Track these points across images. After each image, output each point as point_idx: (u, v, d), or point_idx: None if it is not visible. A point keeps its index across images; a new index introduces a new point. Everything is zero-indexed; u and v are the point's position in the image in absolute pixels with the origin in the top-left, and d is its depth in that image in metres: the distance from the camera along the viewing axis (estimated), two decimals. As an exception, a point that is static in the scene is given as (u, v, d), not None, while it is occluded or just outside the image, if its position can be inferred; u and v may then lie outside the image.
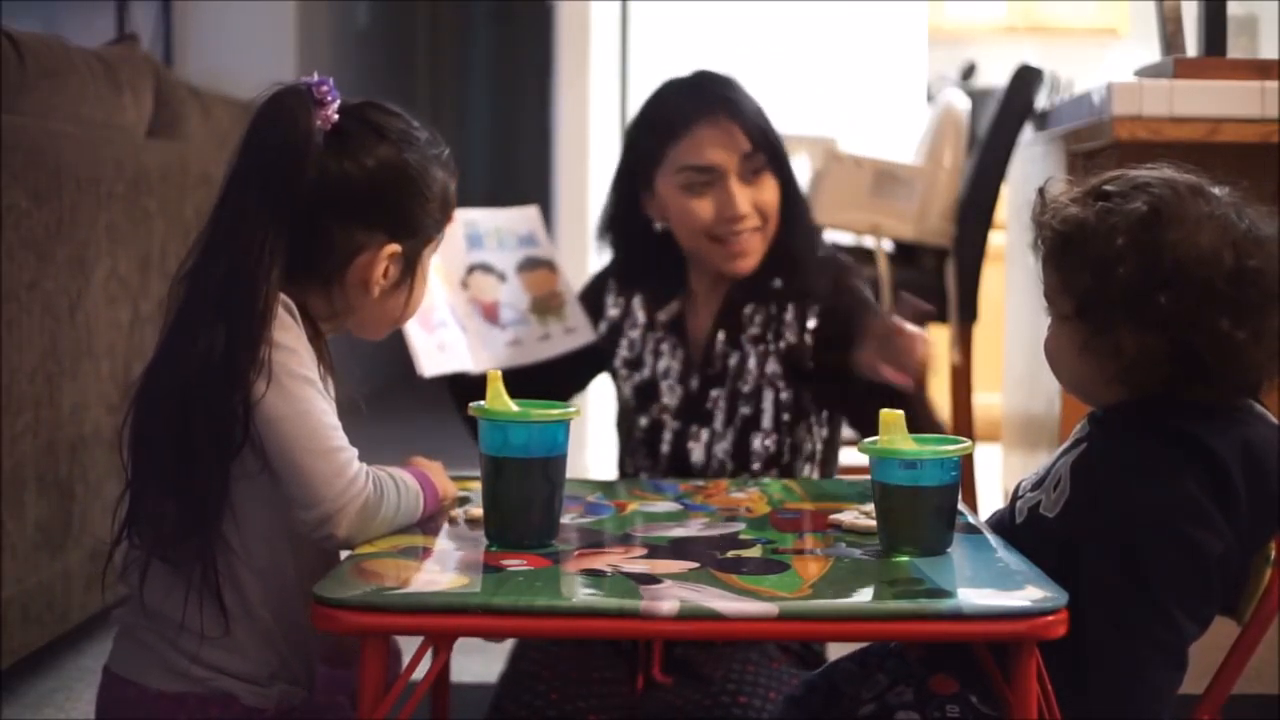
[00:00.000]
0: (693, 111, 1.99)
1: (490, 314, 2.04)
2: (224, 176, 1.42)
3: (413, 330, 1.90)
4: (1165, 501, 1.32)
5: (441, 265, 2.01)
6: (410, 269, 1.48)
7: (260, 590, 1.38)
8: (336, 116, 1.43)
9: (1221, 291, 1.33)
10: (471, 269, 2.05)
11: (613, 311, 2.13)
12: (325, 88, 1.42)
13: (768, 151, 1.99)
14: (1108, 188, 1.40)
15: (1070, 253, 1.40)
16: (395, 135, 1.46)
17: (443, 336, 1.96)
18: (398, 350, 1.91)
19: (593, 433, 4.01)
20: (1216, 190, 1.39)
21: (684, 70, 2.10)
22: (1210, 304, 1.32)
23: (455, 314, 1.99)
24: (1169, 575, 1.31)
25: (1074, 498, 1.39)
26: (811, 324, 2.00)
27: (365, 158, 1.44)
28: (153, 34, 4.35)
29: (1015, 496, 1.49)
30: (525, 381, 1.67)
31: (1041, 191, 1.46)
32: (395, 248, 1.45)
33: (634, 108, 2.13)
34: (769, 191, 2.00)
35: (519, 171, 7.61)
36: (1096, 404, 1.45)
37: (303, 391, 1.36)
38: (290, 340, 1.37)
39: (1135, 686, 1.30)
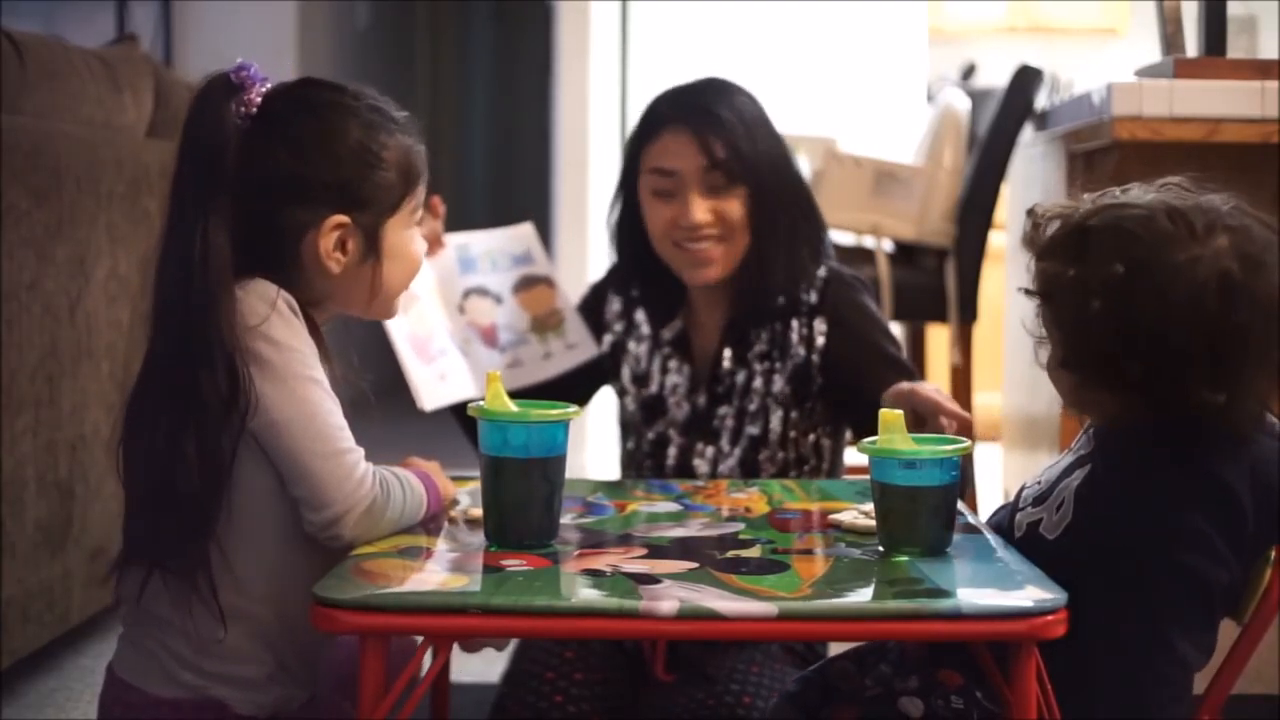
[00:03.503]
0: (667, 115, 1.98)
1: (489, 337, 2.03)
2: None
3: (410, 363, 1.89)
4: (1173, 534, 1.31)
5: (438, 291, 2.00)
6: (373, 242, 1.45)
7: (264, 589, 1.38)
8: (259, 100, 1.40)
9: (1199, 356, 1.29)
10: (467, 293, 2.04)
11: (616, 326, 2.12)
12: (245, 73, 1.40)
13: (732, 169, 1.95)
14: (1092, 223, 1.35)
15: (1050, 307, 1.39)
16: (324, 107, 1.44)
17: (443, 366, 1.94)
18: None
19: (592, 433, 4.02)
20: (1222, 205, 1.34)
21: (684, 71, 2.09)
22: (1186, 370, 1.29)
23: (455, 340, 1.99)
24: (1174, 608, 1.31)
25: (1076, 523, 1.38)
26: (820, 341, 1.99)
27: (290, 134, 1.41)
28: (153, 34, 4.36)
29: (1016, 507, 1.48)
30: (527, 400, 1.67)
31: (1031, 213, 1.44)
32: (339, 219, 1.41)
33: (634, 108, 2.13)
34: (733, 205, 1.96)
35: (519, 172, 7.61)
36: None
37: (308, 392, 1.35)
38: (293, 339, 1.36)
39: (1134, 713, 1.30)
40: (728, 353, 2.02)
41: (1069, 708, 1.30)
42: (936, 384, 1.74)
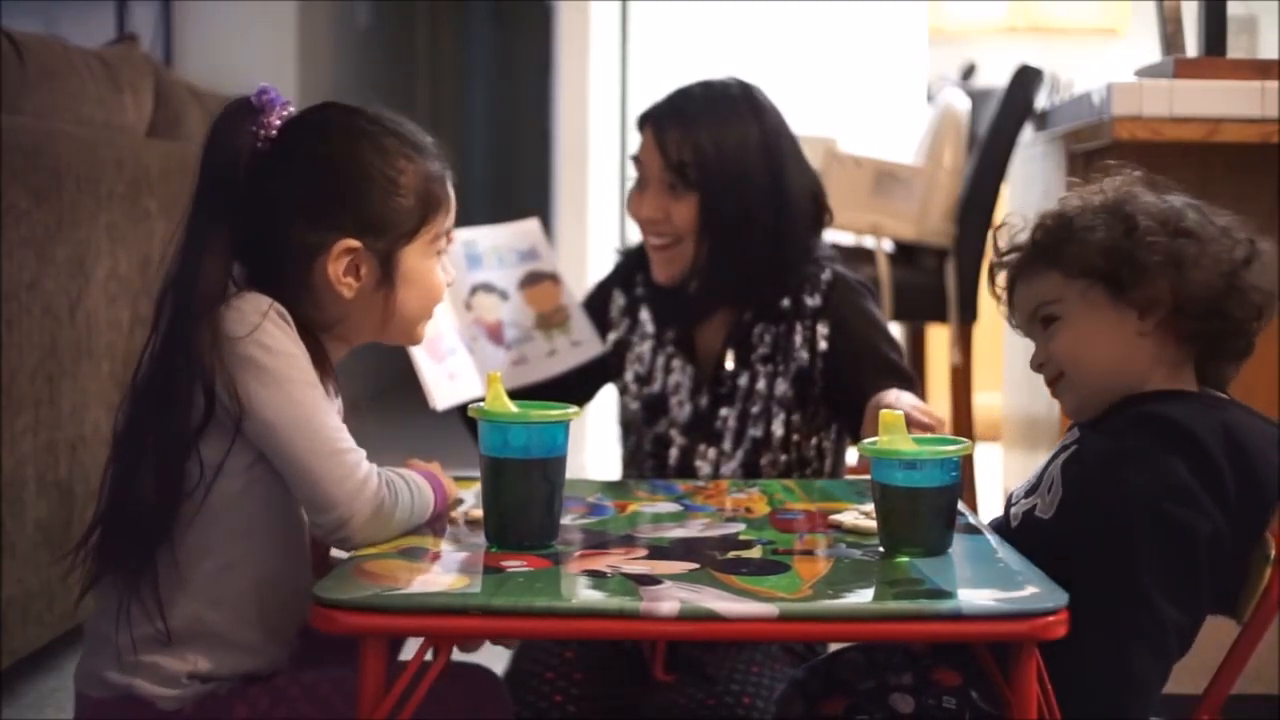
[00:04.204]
0: (652, 109, 2.02)
1: (495, 334, 2.03)
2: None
3: (423, 362, 1.89)
4: (1150, 484, 1.34)
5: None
6: (388, 268, 1.44)
7: (210, 591, 1.37)
8: (278, 122, 1.42)
9: (1229, 228, 1.44)
10: (474, 290, 2.04)
11: (621, 322, 2.12)
12: (266, 96, 1.41)
13: (685, 174, 1.96)
14: (1083, 190, 1.50)
15: (1080, 228, 1.45)
16: (339, 130, 1.44)
17: (453, 365, 1.94)
18: (397, 352, 1.90)
19: (592, 433, 4.01)
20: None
21: (684, 72, 2.09)
22: (1229, 232, 1.43)
23: (463, 338, 1.98)
24: (1154, 558, 1.32)
25: (1067, 496, 1.41)
26: (822, 345, 1.99)
27: (304, 156, 1.42)
28: (153, 34, 4.36)
29: (1008, 505, 1.50)
30: (530, 398, 1.67)
31: (1000, 227, 1.55)
32: (349, 243, 1.41)
33: (634, 108, 2.14)
34: (683, 208, 1.98)
35: (519, 172, 7.62)
36: (1110, 388, 1.46)
37: (304, 395, 1.35)
38: (288, 345, 1.36)
39: (1115, 675, 1.31)
40: (730, 354, 2.02)
41: (1069, 707, 1.30)
42: (920, 396, 1.76)
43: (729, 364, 2.02)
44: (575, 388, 2.03)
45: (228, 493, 1.36)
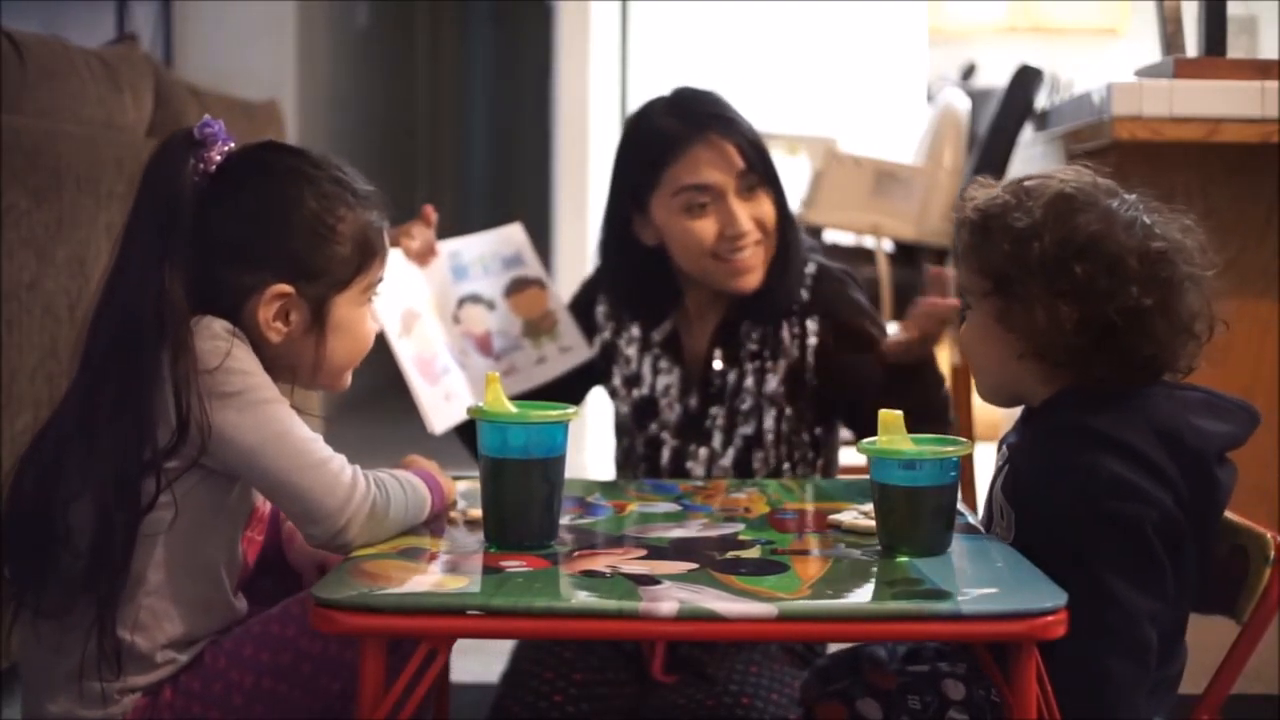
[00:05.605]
0: (685, 131, 1.95)
1: (484, 346, 2.02)
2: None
3: (417, 385, 1.88)
4: (1085, 488, 1.34)
5: (435, 305, 1.99)
6: (319, 315, 1.42)
7: (135, 617, 1.36)
8: (218, 158, 1.40)
9: (1131, 266, 1.38)
10: (462, 302, 2.03)
11: (607, 326, 2.11)
12: (210, 130, 1.39)
13: (762, 168, 1.97)
14: (1025, 182, 1.46)
15: (988, 231, 1.43)
16: (282, 173, 1.42)
17: (448, 385, 1.93)
18: (390, 352, 1.90)
19: (591, 433, 4.01)
20: (1125, 195, 1.44)
21: (684, 71, 2.08)
22: (1121, 276, 1.38)
23: (454, 354, 1.98)
24: (1108, 556, 1.33)
25: (1019, 516, 1.42)
26: (812, 341, 1.99)
27: (242, 196, 1.40)
28: (153, 34, 4.36)
29: None
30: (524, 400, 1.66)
31: (964, 193, 1.51)
32: (282, 288, 1.39)
33: (634, 107, 2.11)
34: (766, 206, 1.97)
35: (519, 172, 7.61)
36: (1003, 393, 1.49)
37: (274, 412, 1.35)
38: (252, 365, 1.36)
39: (1097, 676, 1.31)
40: (718, 353, 2.01)
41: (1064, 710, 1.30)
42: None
43: (717, 364, 2.02)
44: (565, 391, 2.02)
45: (162, 520, 1.35)
